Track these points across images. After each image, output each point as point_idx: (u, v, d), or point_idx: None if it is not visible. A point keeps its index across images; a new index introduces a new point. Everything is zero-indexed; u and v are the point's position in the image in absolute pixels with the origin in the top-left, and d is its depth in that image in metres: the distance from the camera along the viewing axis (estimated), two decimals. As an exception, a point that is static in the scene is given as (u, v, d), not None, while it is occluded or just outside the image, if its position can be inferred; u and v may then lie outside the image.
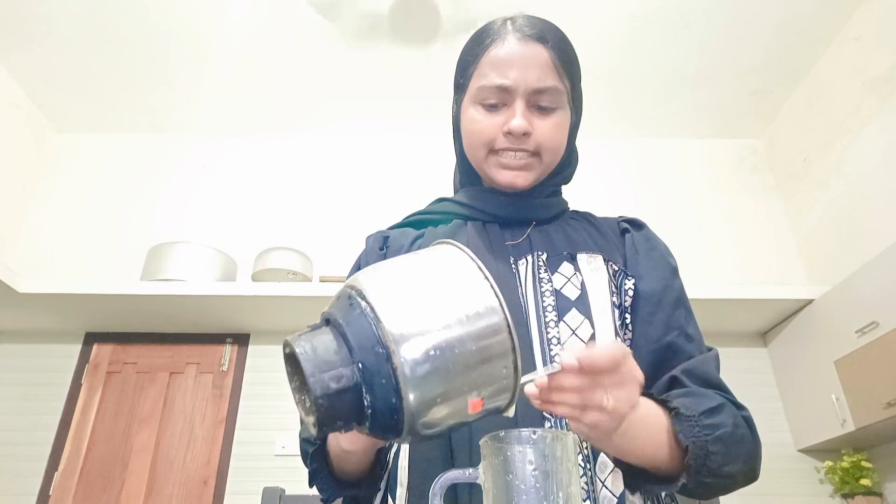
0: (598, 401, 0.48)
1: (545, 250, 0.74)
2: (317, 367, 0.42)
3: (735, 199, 3.29)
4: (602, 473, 0.63)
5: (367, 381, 0.43)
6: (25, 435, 2.73)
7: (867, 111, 2.67)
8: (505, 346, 0.44)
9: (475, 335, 0.43)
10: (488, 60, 0.75)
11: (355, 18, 2.77)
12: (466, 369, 0.43)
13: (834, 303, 2.56)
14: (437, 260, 0.49)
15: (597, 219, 0.83)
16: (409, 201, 1.12)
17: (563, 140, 0.77)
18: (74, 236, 3.14)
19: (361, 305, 0.44)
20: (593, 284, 0.71)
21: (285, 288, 2.63)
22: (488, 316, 0.44)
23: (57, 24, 2.76)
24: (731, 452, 0.58)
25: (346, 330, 0.44)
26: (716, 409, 0.60)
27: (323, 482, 0.68)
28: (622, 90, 3.14)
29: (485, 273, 0.47)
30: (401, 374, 0.42)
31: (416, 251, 0.52)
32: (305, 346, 0.43)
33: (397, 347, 0.42)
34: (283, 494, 1.10)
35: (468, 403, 0.44)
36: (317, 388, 0.41)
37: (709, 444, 0.57)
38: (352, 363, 0.43)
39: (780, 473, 2.68)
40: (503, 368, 0.44)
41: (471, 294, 0.45)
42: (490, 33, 0.77)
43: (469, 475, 0.48)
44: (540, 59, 0.73)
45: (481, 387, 0.44)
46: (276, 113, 3.31)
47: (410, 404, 0.42)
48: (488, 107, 0.75)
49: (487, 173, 0.78)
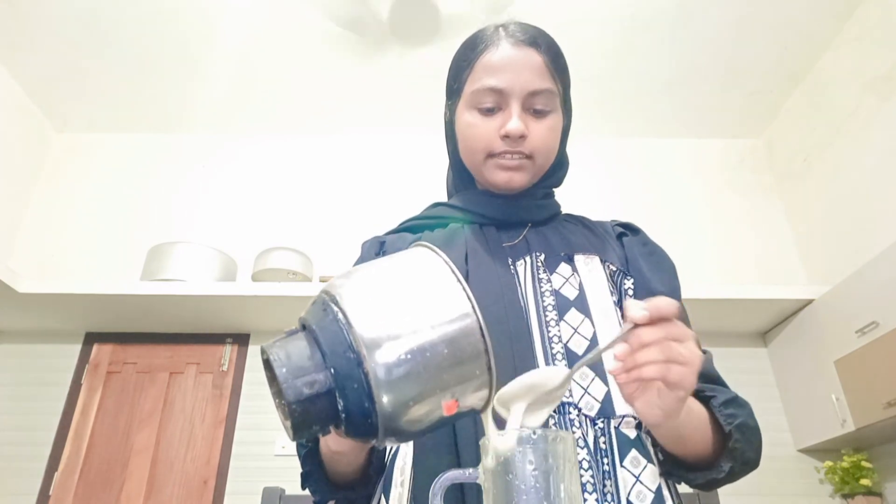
0: (677, 354, 0.50)
1: (543, 251, 0.76)
2: (290, 373, 0.42)
3: (735, 199, 3.29)
4: (636, 468, 0.64)
5: (339, 386, 0.43)
6: (25, 435, 2.73)
7: (867, 111, 2.67)
8: (477, 347, 0.45)
9: (447, 338, 0.44)
10: (482, 65, 0.76)
11: (355, 19, 2.78)
12: (439, 372, 0.44)
13: (834, 303, 2.56)
14: (410, 263, 0.49)
15: (591, 222, 0.85)
16: (408, 202, 1.12)
17: (556, 143, 0.79)
18: (74, 236, 3.14)
19: (334, 311, 0.45)
20: (591, 284, 0.73)
21: (285, 288, 2.64)
22: (460, 319, 0.45)
23: (57, 25, 2.76)
24: (748, 440, 0.63)
25: (319, 335, 0.44)
26: (731, 400, 0.65)
27: (315, 484, 0.69)
28: (622, 90, 3.14)
29: (457, 276, 0.47)
30: (373, 378, 0.42)
31: (391, 254, 0.53)
32: (279, 352, 0.44)
33: (369, 353, 0.42)
34: (283, 494, 1.10)
35: (443, 405, 0.45)
36: (290, 394, 0.42)
37: (734, 432, 0.62)
38: (325, 368, 0.43)
39: (780, 473, 2.68)
40: (476, 370, 0.45)
41: (443, 297, 0.46)
42: (483, 39, 0.78)
43: (469, 475, 0.49)
44: (533, 63, 0.75)
45: (455, 388, 0.45)
46: (275, 113, 3.31)
47: (384, 407, 0.43)
48: (484, 110, 0.76)
49: (484, 176, 0.79)
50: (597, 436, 0.64)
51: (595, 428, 0.64)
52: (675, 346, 0.50)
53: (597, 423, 0.65)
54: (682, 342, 0.50)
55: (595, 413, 0.65)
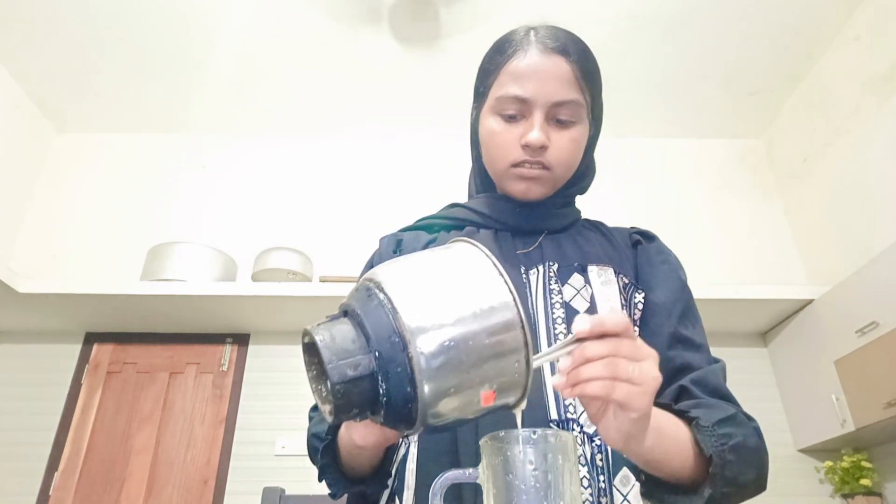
0: (623, 371, 0.46)
1: (556, 261, 0.75)
2: (335, 355, 0.43)
3: (735, 199, 3.29)
4: (624, 487, 0.63)
5: (382, 370, 0.44)
6: (25, 435, 2.73)
7: (867, 111, 2.67)
8: (518, 340, 0.45)
9: (489, 329, 0.44)
10: (509, 71, 0.75)
11: (356, 20, 2.78)
12: (480, 362, 0.44)
13: (834, 303, 2.56)
14: (453, 256, 0.50)
15: (609, 229, 0.84)
16: (408, 202, 1.13)
17: (578, 155, 0.77)
18: (74, 236, 3.14)
19: (379, 297, 0.45)
20: (603, 297, 0.72)
21: (285, 288, 2.63)
22: (502, 311, 0.45)
23: (57, 24, 2.76)
24: (746, 462, 0.59)
25: (364, 320, 0.45)
26: (729, 419, 0.61)
27: (332, 477, 0.69)
28: (622, 90, 3.14)
29: (500, 269, 0.47)
30: (416, 363, 0.43)
31: (432, 248, 0.53)
32: (324, 334, 0.44)
33: (413, 338, 0.43)
34: (283, 494, 1.10)
35: (480, 396, 0.45)
36: (334, 375, 0.42)
37: (726, 454, 0.57)
38: (369, 352, 0.44)
39: (780, 473, 2.68)
40: (515, 363, 0.45)
41: (486, 289, 0.46)
42: (512, 43, 0.76)
43: (469, 475, 0.49)
44: (561, 72, 0.73)
45: (493, 380, 0.45)
46: (276, 113, 3.31)
47: (424, 394, 0.43)
48: (507, 117, 0.75)
49: (503, 184, 0.79)
50: (594, 452, 0.64)
51: (593, 445, 0.64)
52: (622, 363, 0.47)
53: (594, 439, 0.64)
54: (634, 361, 0.47)
55: (594, 430, 0.64)
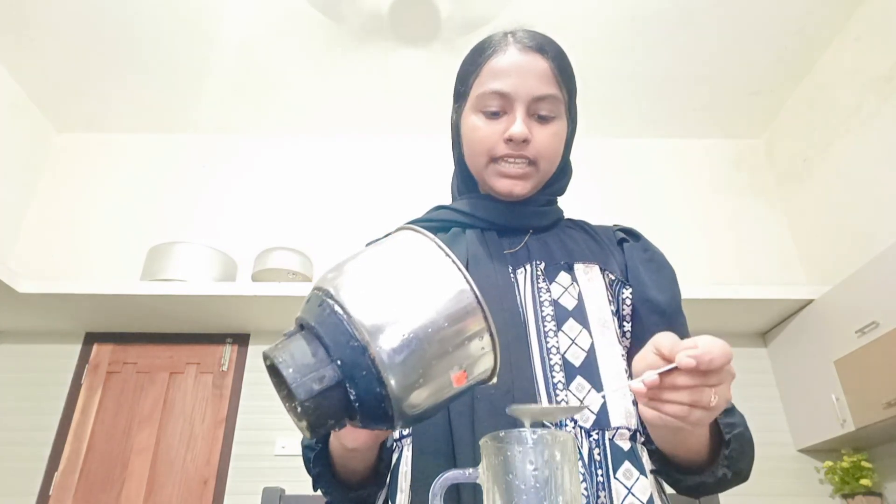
0: (706, 400, 0.49)
1: (543, 259, 0.76)
2: (298, 373, 0.43)
3: (735, 199, 3.29)
4: (627, 480, 0.64)
5: (349, 377, 0.43)
6: (25, 435, 2.73)
7: (867, 111, 2.67)
8: (477, 317, 0.45)
9: (447, 313, 0.44)
10: (489, 69, 0.76)
11: (356, 20, 2.78)
12: (443, 347, 0.44)
13: (834, 303, 2.56)
14: (399, 247, 0.50)
15: (592, 227, 0.84)
16: (408, 202, 1.12)
17: (559, 149, 0.79)
18: (74, 236, 3.14)
19: (330, 304, 0.45)
20: (590, 294, 0.73)
21: (285, 288, 2.63)
22: (456, 293, 0.45)
23: (57, 24, 2.76)
24: (743, 450, 0.64)
25: (320, 331, 0.45)
26: (728, 410, 0.65)
27: (328, 485, 0.69)
28: (622, 91, 3.14)
29: (445, 251, 0.47)
30: (380, 363, 0.43)
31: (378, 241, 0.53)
32: (283, 354, 0.44)
33: (372, 339, 0.43)
34: (283, 494, 1.09)
35: (452, 378, 0.45)
36: (301, 393, 0.42)
37: (732, 441, 0.62)
38: (331, 362, 0.44)
39: (780, 473, 2.68)
40: (478, 339, 0.46)
41: (435, 274, 0.46)
42: (491, 44, 0.78)
43: (469, 475, 0.49)
44: (540, 69, 0.75)
45: (462, 361, 0.45)
46: (276, 114, 3.31)
47: (394, 390, 0.43)
48: (489, 114, 0.76)
49: (486, 181, 0.79)
50: (591, 447, 0.64)
51: (590, 439, 0.64)
52: (706, 392, 0.49)
53: (591, 434, 0.65)
54: (716, 387, 0.49)
55: (590, 425, 0.65)
